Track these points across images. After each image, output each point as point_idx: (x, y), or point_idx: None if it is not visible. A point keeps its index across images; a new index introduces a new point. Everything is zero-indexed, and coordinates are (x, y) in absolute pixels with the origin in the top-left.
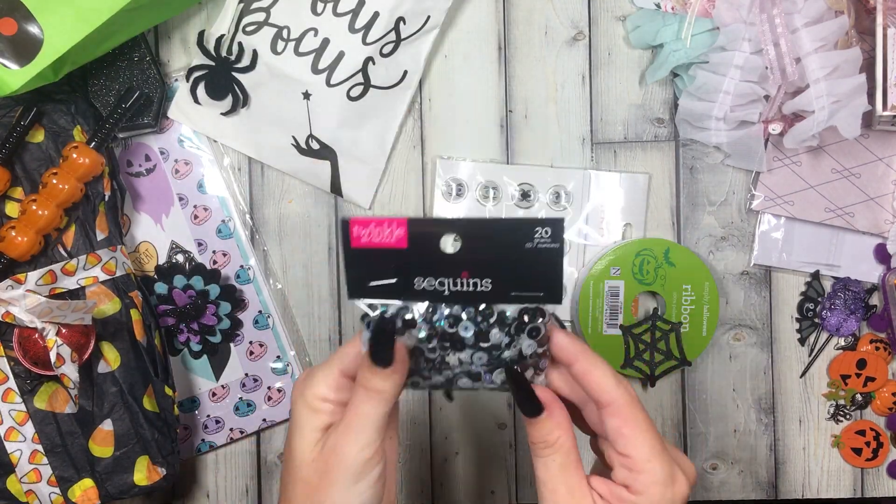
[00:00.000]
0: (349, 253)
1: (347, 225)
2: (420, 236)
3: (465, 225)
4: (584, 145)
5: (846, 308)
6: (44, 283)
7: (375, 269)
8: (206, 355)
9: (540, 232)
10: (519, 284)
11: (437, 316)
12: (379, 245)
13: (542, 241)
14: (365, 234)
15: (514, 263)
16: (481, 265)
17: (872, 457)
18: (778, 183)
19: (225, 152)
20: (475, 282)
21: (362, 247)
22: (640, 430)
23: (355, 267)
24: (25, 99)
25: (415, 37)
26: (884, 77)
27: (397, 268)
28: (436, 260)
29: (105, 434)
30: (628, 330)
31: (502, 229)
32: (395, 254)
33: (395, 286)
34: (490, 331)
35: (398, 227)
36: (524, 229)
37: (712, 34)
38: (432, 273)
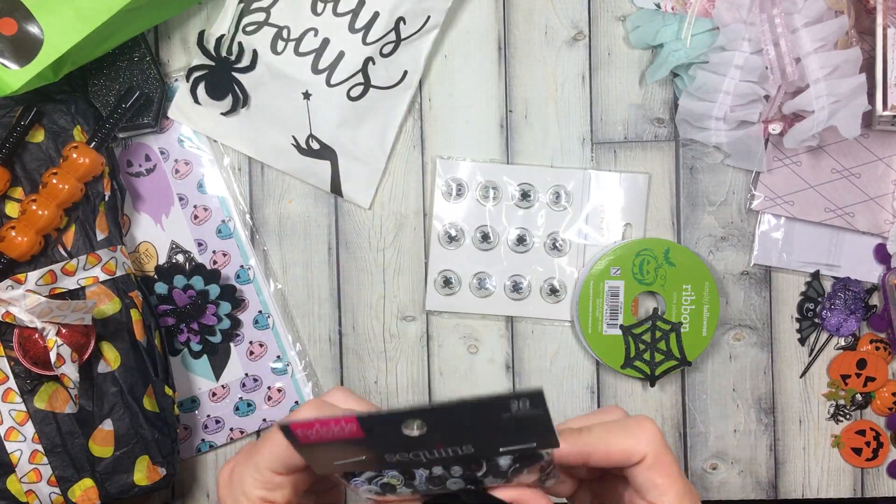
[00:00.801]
0: (300, 449)
1: (289, 431)
2: (376, 428)
3: (427, 412)
4: (584, 145)
5: (846, 308)
6: (44, 283)
7: (337, 453)
8: (206, 355)
9: (517, 404)
10: (506, 442)
11: (418, 481)
12: (331, 439)
13: (522, 411)
14: (311, 433)
15: (494, 431)
16: (456, 437)
17: (872, 457)
18: (778, 183)
19: (225, 152)
20: (454, 449)
21: (313, 442)
22: (673, 476)
23: (313, 456)
24: (25, 99)
25: (415, 37)
26: (884, 77)
27: (361, 450)
28: (402, 442)
29: (105, 434)
30: (628, 330)
31: (473, 411)
32: (353, 441)
33: (365, 462)
34: (485, 479)
35: (348, 423)
36: (499, 406)
37: (712, 34)
38: (403, 450)
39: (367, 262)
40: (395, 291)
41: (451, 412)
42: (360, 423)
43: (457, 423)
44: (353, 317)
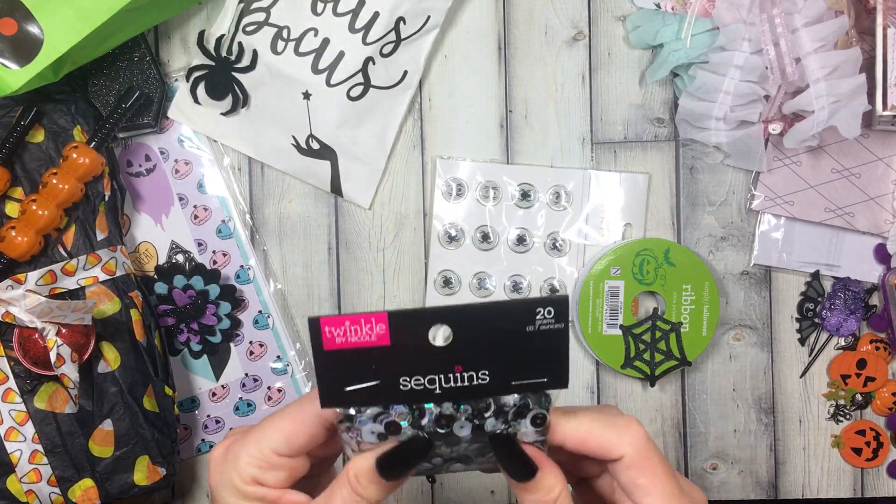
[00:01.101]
0: (320, 356)
1: (317, 325)
2: (405, 331)
3: (456, 313)
4: (584, 145)
5: (846, 308)
6: (44, 283)
7: (352, 372)
8: (206, 355)
9: (542, 312)
10: (519, 373)
11: (427, 420)
12: (356, 345)
13: (545, 322)
14: (339, 333)
15: (514, 350)
16: (477, 356)
17: (872, 457)
18: (778, 183)
19: (225, 152)
20: (470, 375)
21: (337, 348)
22: (657, 477)
23: (329, 372)
24: (25, 99)
25: (415, 37)
26: (884, 77)
27: (379, 368)
28: (424, 355)
29: (105, 434)
30: (628, 330)
31: (499, 314)
32: (375, 353)
33: (377, 389)
34: (486, 421)
35: (378, 322)
36: (524, 312)
37: (712, 34)
38: (420, 371)
39: (367, 262)
40: (395, 291)
41: (478, 312)
42: (389, 320)
43: (481, 329)
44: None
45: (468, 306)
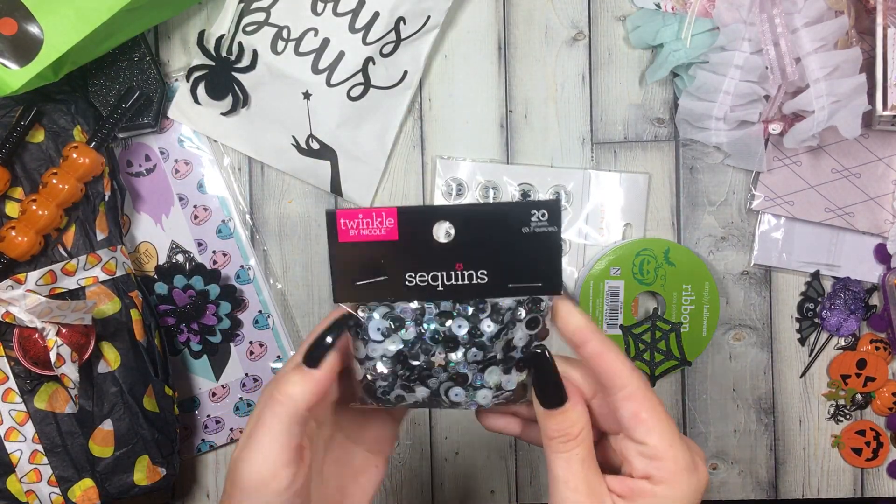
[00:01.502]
0: (336, 248)
1: (334, 217)
2: (412, 225)
3: (458, 211)
4: (584, 145)
5: (846, 308)
6: (44, 283)
7: (364, 267)
8: (206, 355)
9: (536, 215)
10: (516, 275)
11: (428, 315)
12: (368, 238)
13: (539, 224)
14: (353, 226)
15: (511, 251)
16: (476, 255)
17: (872, 457)
18: (778, 183)
19: (225, 152)
20: (470, 273)
21: (350, 241)
22: (658, 415)
23: (342, 264)
24: (25, 99)
25: (415, 37)
26: (884, 77)
27: (387, 263)
28: (428, 251)
29: (105, 434)
30: (628, 330)
31: (497, 214)
32: (385, 247)
33: (385, 284)
34: (482, 322)
35: (388, 216)
36: (520, 212)
37: (712, 34)
38: (425, 267)
39: None
40: None
41: (477, 212)
42: (398, 215)
43: (481, 228)
44: None
45: (469, 205)
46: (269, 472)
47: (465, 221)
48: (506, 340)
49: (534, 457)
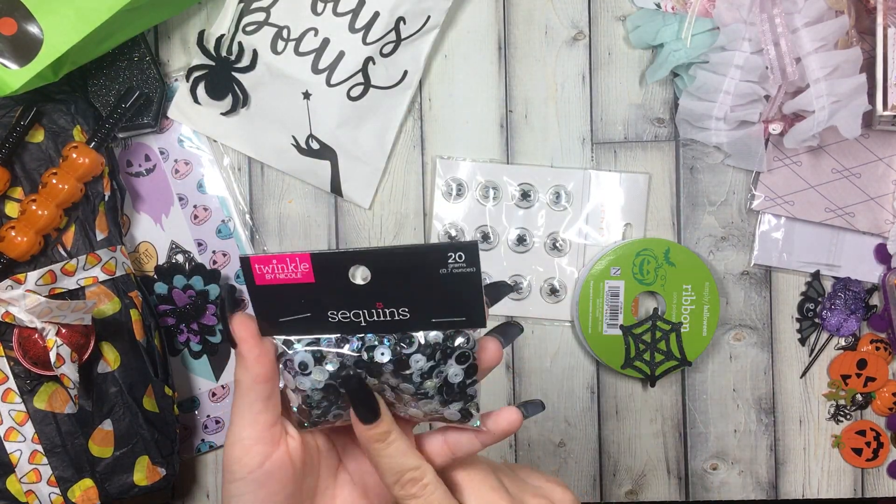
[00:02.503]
0: (254, 291)
1: (248, 263)
2: (327, 270)
3: (373, 255)
4: (584, 145)
5: (846, 308)
6: (44, 283)
7: (285, 305)
8: (206, 355)
9: (453, 257)
10: (438, 311)
11: (350, 347)
12: (285, 281)
13: (457, 265)
14: (268, 270)
15: (430, 290)
16: (396, 294)
17: (873, 457)
18: (778, 183)
19: (225, 152)
20: (391, 311)
21: (268, 283)
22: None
23: (263, 304)
24: (25, 99)
25: (415, 37)
26: (884, 77)
27: (308, 302)
28: (347, 292)
29: (105, 434)
30: (628, 330)
31: (412, 258)
32: (303, 288)
33: (308, 320)
34: (410, 357)
35: (302, 261)
36: (436, 256)
37: (712, 34)
38: (345, 306)
39: None
40: None
41: (391, 256)
42: (312, 260)
43: (397, 271)
44: None
45: (383, 249)
46: (242, 447)
47: (380, 265)
48: (442, 379)
49: (534, 457)
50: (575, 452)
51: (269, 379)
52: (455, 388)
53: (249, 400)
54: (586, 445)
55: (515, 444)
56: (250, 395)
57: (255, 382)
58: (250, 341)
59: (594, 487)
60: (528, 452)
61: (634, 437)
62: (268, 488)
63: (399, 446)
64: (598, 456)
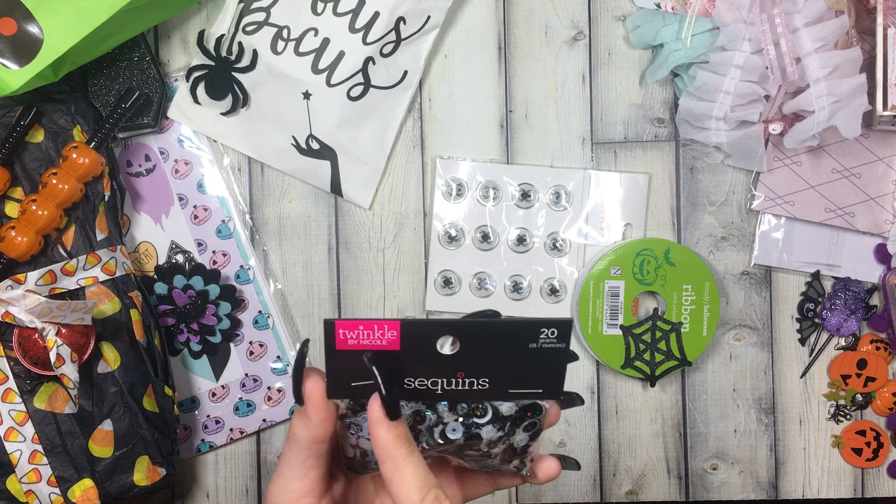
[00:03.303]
0: (332, 354)
1: (332, 328)
2: (415, 338)
3: (466, 327)
4: (584, 145)
5: (846, 308)
6: (44, 283)
7: (362, 370)
8: (206, 355)
9: (546, 333)
10: (517, 382)
11: (426, 423)
12: (368, 347)
13: (548, 341)
14: (352, 336)
15: (516, 363)
16: (479, 365)
17: (873, 457)
18: (778, 183)
19: (225, 152)
20: (472, 381)
21: (349, 349)
22: None
23: (339, 369)
24: (25, 99)
25: (415, 37)
26: (884, 77)
27: (386, 369)
28: (430, 361)
29: (105, 434)
30: (628, 330)
31: (506, 332)
32: (385, 355)
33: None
34: (482, 429)
35: (390, 329)
36: (529, 331)
37: (712, 34)
38: (425, 374)
39: (367, 262)
40: (395, 291)
41: (485, 329)
42: (401, 328)
43: (486, 344)
44: (353, 317)
45: (478, 322)
46: (290, 499)
47: (471, 337)
48: (507, 444)
49: None
50: (575, 452)
51: (327, 440)
52: (518, 451)
53: (303, 456)
54: (586, 445)
55: None
56: (305, 451)
57: (313, 442)
58: (319, 404)
59: (594, 487)
60: None
61: (634, 437)
62: None
63: (422, 460)
64: (598, 456)
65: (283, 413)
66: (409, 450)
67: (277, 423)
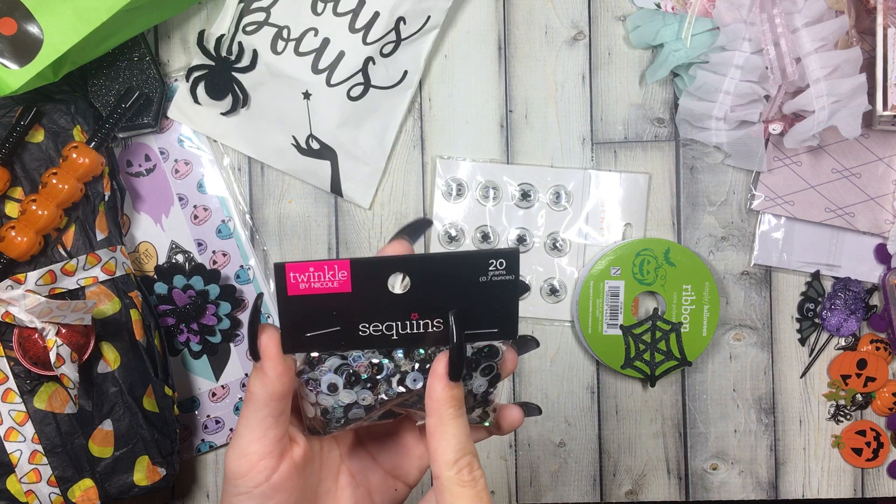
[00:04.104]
0: (284, 301)
1: (283, 270)
2: (366, 278)
3: (414, 262)
4: (584, 145)
5: (846, 308)
6: (44, 283)
7: (315, 318)
8: (206, 355)
9: (494, 264)
10: (471, 322)
11: (384, 374)
12: (319, 291)
13: (497, 273)
14: (303, 279)
15: (467, 300)
16: (432, 304)
17: (873, 457)
18: (778, 183)
19: (225, 152)
20: (426, 322)
21: (301, 293)
22: None
23: (292, 317)
24: (25, 99)
25: (415, 37)
26: (884, 77)
27: (339, 314)
28: (383, 302)
29: (105, 434)
30: (628, 330)
31: (454, 264)
32: (337, 298)
33: (337, 334)
34: None
35: (341, 269)
36: (477, 262)
37: (712, 34)
38: (379, 318)
39: None
40: None
41: (433, 262)
42: (351, 267)
43: (437, 279)
44: None
45: (426, 255)
46: (248, 462)
47: (421, 272)
48: (468, 391)
49: (534, 457)
50: (575, 452)
51: (285, 396)
52: (478, 397)
53: (261, 415)
54: (586, 445)
55: (515, 444)
56: (263, 410)
57: (270, 399)
58: (275, 358)
59: (594, 487)
60: (528, 452)
61: (634, 437)
62: (274, 500)
63: (467, 424)
64: (598, 456)
65: None
66: (457, 412)
67: None
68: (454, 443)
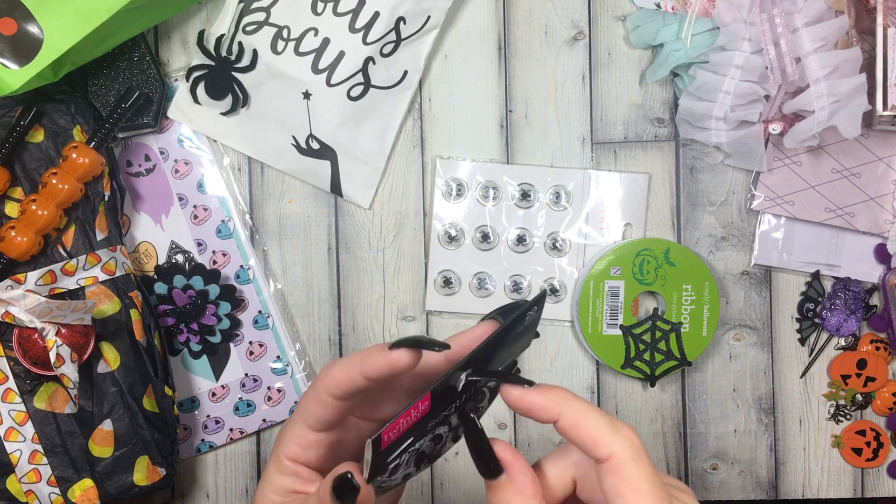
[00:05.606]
0: (378, 457)
1: (378, 441)
2: (441, 393)
3: (476, 357)
4: (584, 145)
5: (846, 308)
6: (43, 283)
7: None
8: (205, 355)
9: (530, 312)
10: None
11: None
12: (407, 428)
13: (531, 318)
14: (394, 433)
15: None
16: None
17: (873, 457)
18: (778, 183)
19: (225, 152)
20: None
21: (391, 442)
22: (640, 492)
23: (382, 461)
24: (25, 99)
25: (415, 37)
26: (884, 77)
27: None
28: (449, 396)
29: (105, 434)
30: (628, 330)
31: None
32: (420, 419)
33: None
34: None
35: (423, 402)
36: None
37: (712, 34)
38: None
39: (367, 262)
40: (395, 291)
41: (491, 344)
42: (432, 396)
43: (492, 354)
44: (353, 317)
45: (488, 343)
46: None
47: (480, 360)
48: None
49: (533, 457)
50: None
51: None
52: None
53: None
54: None
55: (515, 443)
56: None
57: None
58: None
59: None
60: (528, 452)
61: None
62: None
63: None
64: None
65: (283, 413)
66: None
67: (277, 423)
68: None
